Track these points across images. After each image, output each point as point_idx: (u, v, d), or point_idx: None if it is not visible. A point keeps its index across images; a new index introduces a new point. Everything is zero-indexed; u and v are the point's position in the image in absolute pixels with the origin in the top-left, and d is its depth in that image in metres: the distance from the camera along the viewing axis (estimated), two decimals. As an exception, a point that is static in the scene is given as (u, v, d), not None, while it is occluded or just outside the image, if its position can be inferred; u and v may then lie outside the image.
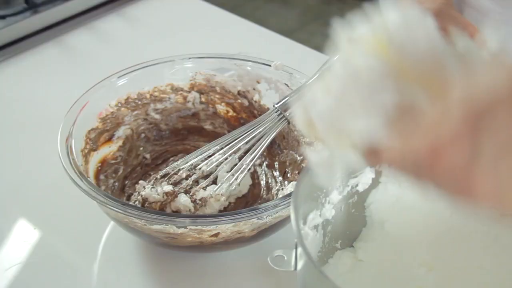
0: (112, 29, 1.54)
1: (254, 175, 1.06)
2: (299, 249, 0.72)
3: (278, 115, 1.02)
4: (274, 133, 1.03)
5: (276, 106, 1.02)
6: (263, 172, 1.06)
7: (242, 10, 1.52)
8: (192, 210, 0.98)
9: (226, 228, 0.89)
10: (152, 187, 0.99)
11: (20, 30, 1.49)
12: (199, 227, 0.88)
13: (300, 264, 0.74)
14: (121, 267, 1.00)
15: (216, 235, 0.90)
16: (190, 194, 0.99)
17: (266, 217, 0.89)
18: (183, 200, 0.98)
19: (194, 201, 0.99)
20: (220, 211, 1.00)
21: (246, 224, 0.89)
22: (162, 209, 0.99)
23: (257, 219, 0.88)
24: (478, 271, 0.86)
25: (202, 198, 0.99)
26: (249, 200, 1.03)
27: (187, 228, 0.89)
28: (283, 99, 1.03)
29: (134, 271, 0.99)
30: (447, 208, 0.92)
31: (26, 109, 1.33)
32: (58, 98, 1.30)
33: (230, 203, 1.01)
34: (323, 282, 0.68)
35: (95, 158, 1.05)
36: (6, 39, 1.47)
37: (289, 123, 1.03)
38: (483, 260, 0.87)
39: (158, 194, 0.98)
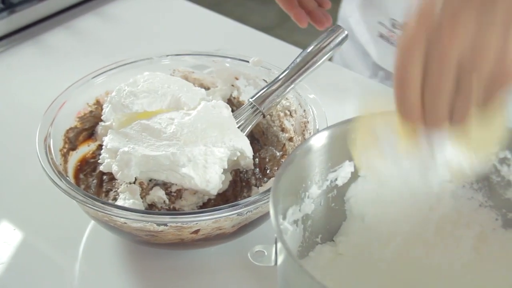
0: (90, 28, 1.53)
1: (236, 172, 1.06)
2: (279, 244, 0.73)
3: (253, 109, 1.02)
4: (250, 127, 1.03)
5: (251, 100, 1.03)
6: (243, 169, 1.06)
7: (222, 8, 1.52)
8: (167, 202, 0.98)
9: (207, 224, 0.89)
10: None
11: (-3, 30, 1.48)
12: (179, 224, 0.88)
13: (280, 259, 0.74)
14: (103, 265, 1.00)
15: (196, 232, 0.90)
16: (165, 186, 0.99)
17: (246, 213, 0.89)
18: (158, 193, 0.98)
19: (169, 194, 0.98)
20: (200, 207, 1.00)
21: (226, 220, 0.89)
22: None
23: (237, 215, 0.88)
24: (458, 264, 0.87)
25: (176, 190, 0.98)
26: (229, 197, 1.03)
27: (167, 226, 0.88)
28: (257, 93, 1.03)
29: (116, 270, 0.99)
30: (427, 202, 0.93)
31: (4, 109, 1.32)
32: (36, 97, 1.29)
33: (210, 200, 1.01)
34: (303, 277, 0.68)
35: (74, 158, 1.04)
36: (-18, 40, 1.46)
37: (264, 116, 1.03)
38: (462, 254, 0.87)
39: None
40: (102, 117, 1.04)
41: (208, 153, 0.95)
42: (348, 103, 1.27)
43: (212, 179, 0.95)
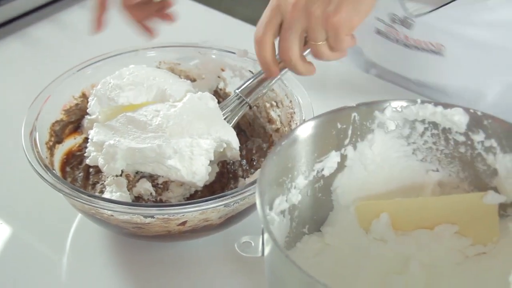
0: (76, 21, 1.52)
1: (223, 164, 1.06)
2: (266, 235, 0.72)
3: (239, 100, 1.02)
4: (236, 118, 1.03)
5: (237, 91, 1.02)
6: (230, 160, 1.06)
7: (208, 0, 1.52)
8: (154, 194, 0.98)
9: (193, 216, 0.89)
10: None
11: (-19, 24, 1.47)
12: (166, 216, 0.88)
13: (267, 250, 0.74)
14: (91, 258, 1.00)
15: (183, 223, 0.90)
16: (152, 178, 0.99)
17: (233, 204, 0.89)
18: (145, 185, 0.98)
19: (155, 186, 0.98)
20: (187, 199, 1.00)
21: (213, 212, 0.89)
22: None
23: (224, 206, 0.88)
24: (445, 254, 0.87)
25: (163, 182, 0.98)
26: (216, 189, 1.03)
27: (154, 218, 0.88)
28: (243, 84, 1.03)
29: (103, 262, 0.99)
30: (413, 191, 0.93)
31: (-10, 103, 1.32)
32: (21, 91, 1.29)
33: (197, 191, 1.01)
34: (290, 267, 0.68)
35: (60, 151, 1.04)
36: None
37: (250, 107, 1.03)
38: (449, 243, 0.88)
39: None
40: (88, 110, 1.04)
41: (194, 144, 0.95)
42: (334, 93, 1.27)
43: (199, 171, 0.95)
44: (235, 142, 1.01)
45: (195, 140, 0.95)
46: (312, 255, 0.87)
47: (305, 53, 0.93)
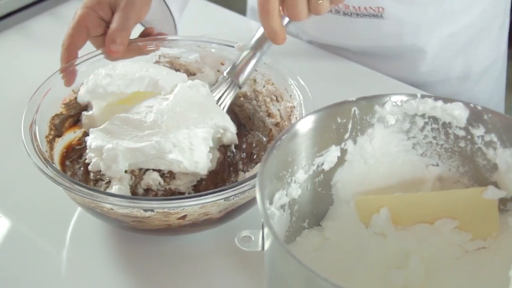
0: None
1: (224, 157, 1.06)
2: (266, 229, 0.72)
3: (228, 82, 1.03)
4: (230, 101, 1.04)
5: (225, 73, 1.04)
6: (231, 154, 1.06)
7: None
8: (162, 183, 0.98)
9: (193, 210, 0.89)
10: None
11: (-20, 18, 1.47)
12: (165, 209, 0.88)
13: (267, 244, 0.74)
14: (90, 252, 1.00)
15: (183, 217, 0.90)
16: (158, 169, 0.99)
17: (233, 198, 0.89)
18: (152, 175, 0.98)
19: (162, 175, 0.98)
20: (194, 187, 1.00)
21: (213, 206, 0.89)
22: (134, 191, 0.98)
23: (224, 200, 0.88)
24: (445, 249, 0.87)
25: (169, 171, 0.98)
26: (218, 181, 1.03)
27: (154, 212, 0.88)
28: (231, 66, 1.05)
29: (103, 256, 0.99)
30: (413, 186, 0.93)
31: (-11, 97, 1.31)
32: (20, 84, 1.29)
33: (201, 182, 1.01)
34: (290, 262, 0.68)
35: (60, 144, 1.04)
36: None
37: (240, 87, 1.04)
38: (449, 238, 0.88)
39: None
40: (77, 99, 1.04)
41: (192, 135, 0.95)
42: (334, 88, 1.27)
43: (201, 160, 0.96)
44: (231, 126, 1.02)
45: (192, 131, 0.96)
46: (312, 249, 0.87)
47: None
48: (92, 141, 0.97)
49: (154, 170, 0.98)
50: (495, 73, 1.48)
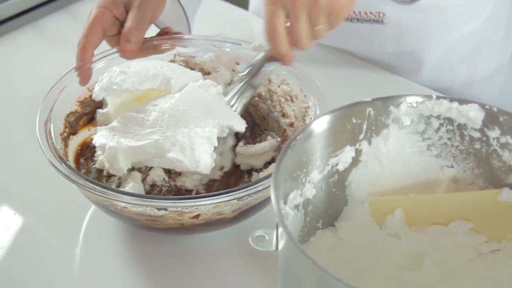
0: (89, 12, 1.52)
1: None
2: (280, 229, 0.72)
3: (244, 82, 1.03)
4: (244, 101, 1.04)
5: (240, 74, 1.04)
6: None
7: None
8: (167, 179, 0.98)
9: (207, 209, 0.89)
10: None
11: (-4, 15, 1.47)
12: (179, 209, 0.88)
13: (281, 244, 0.74)
14: (103, 250, 1.00)
15: (196, 216, 0.90)
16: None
17: (246, 198, 0.89)
18: (157, 171, 0.98)
19: (168, 172, 0.99)
20: (206, 186, 1.00)
21: (226, 205, 0.89)
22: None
23: (238, 200, 0.88)
24: (459, 251, 0.87)
25: None
26: (231, 182, 1.03)
27: (167, 210, 0.88)
28: (247, 66, 1.04)
29: (116, 254, 0.99)
30: (428, 187, 0.92)
31: (3, 94, 1.32)
32: (35, 82, 1.30)
33: (214, 183, 1.01)
34: (304, 262, 0.68)
35: (75, 142, 1.04)
36: (-19, 25, 1.46)
37: (255, 89, 1.04)
38: (463, 240, 0.87)
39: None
40: (93, 96, 1.04)
41: (192, 134, 0.95)
42: (348, 88, 1.27)
43: (203, 159, 0.96)
44: (238, 126, 1.01)
45: (192, 130, 0.95)
46: (325, 249, 0.87)
47: None
48: (97, 139, 0.98)
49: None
50: (500, 79, 1.47)
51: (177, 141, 0.94)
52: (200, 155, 0.95)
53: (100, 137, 0.97)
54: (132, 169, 0.99)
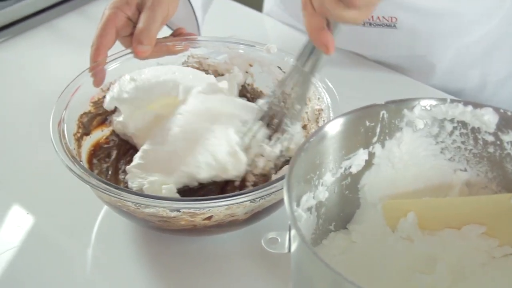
0: (102, 12, 1.53)
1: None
2: (293, 231, 0.72)
3: (299, 71, 0.99)
4: (307, 91, 1.00)
5: (296, 63, 0.99)
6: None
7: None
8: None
9: (219, 211, 0.89)
10: None
11: (11, 15, 1.47)
12: (192, 210, 0.88)
13: (293, 246, 0.74)
14: (115, 251, 1.00)
15: (209, 218, 0.90)
16: None
17: (259, 200, 0.89)
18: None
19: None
20: (222, 187, 1.00)
21: (239, 207, 0.89)
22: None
23: (250, 201, 0.88)
24: (472, 255, 0.87)
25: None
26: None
27: (180, 212, 0.89)
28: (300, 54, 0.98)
29: (128, 255, 0.99)
30: (441, 191, 0.92)
31: (17, 94, 1.32)
32: (49, 82, 1.30)
33: (228, 185, 1.01)
34: (317, 264, 0.68)
35: (88, 142, 1.04)
36: (-4, 25, 1.46)
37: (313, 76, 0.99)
38: (476, 244, 0.87)
39: None
40: (104, 106, 1.05)
41: (209, 148, 0.96)
42: (362, 90, 1.26)
43: (228, 165, 0.97)
44: (246, 114, 1.02)
45: (206, 145, 0.97)
46: (338, 252, 0.87)
47: None
48: (131, 183, 0.98)
49: None
50: None
51: (200, 162, 0.95)
52: (224, 162, 0.97)
53: (134, 178, 0.98)
54: None
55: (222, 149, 0.97)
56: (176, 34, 1.16)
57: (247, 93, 1.14)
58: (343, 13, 0.85)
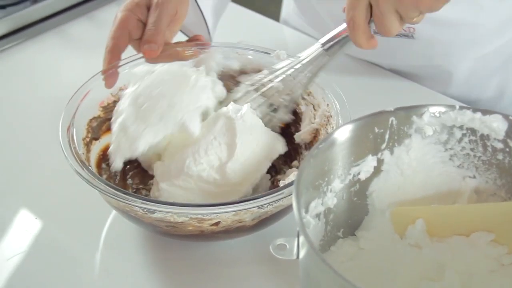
0: (112, 18, 1.53)
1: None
2: (301, 238, 0.72)
3: (319, 51, 1.00)
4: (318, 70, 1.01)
5: (321, 43, 1.00)
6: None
7: (241, -1, 1.52)
8: None
9: (227, 217, 0.89)
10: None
11: (21, 20, 1.48)
12: (199, 216, 0.88)
13: (302, 253, 0.74)
14: (124, 256, 1.00)
15: (216, 224, 0.90)
16: None
17: (266, 206, 0.89)
18: None
19: None
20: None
21: (246, 213, 0.89)
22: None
23: (258, 208, 0.88)
24: (480, 262, 0.86)
25: None
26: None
27: (187, 217, 0.88)
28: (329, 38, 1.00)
29: (137, 260, 0.99)
30: (449, 198, 0.92)
31: (27, 98, 1.33)
32: (59, 87, 1.31)
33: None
34: (325, 271, 0.68)
35: (97, 147, 1.05)
36: (6, 29, 1.46)
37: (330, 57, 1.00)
38: (484, 251, 0.87)
39: None
40: (112, 169, 1.02)
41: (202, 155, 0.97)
42: (372, 97, 1.26)
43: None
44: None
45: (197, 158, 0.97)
46: (346, 259, 0.87)
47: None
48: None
49: None
50: None
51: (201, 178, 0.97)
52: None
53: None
54: None
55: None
56: (192, 41, 1.16)
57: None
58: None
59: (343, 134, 0.84)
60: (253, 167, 0.99)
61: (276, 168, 1.08)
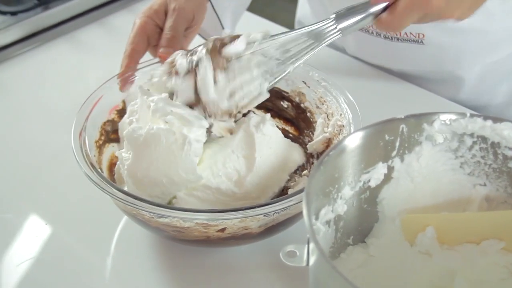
0: (124, 24, 1.53)
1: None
2: (311, 245, 0.72)
3: (331, 26, 0.95)
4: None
5: (333, 16, 0.95)
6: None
7: (253, 6, 1.51)
8: None
9: (233, 223, 0.89)
10: None
11: (32, 26, 1.49)
12: (204, 222, 0.88)
13: (312, 260, 0.74)
14: (135, 261, 1.00)
15: (222, 230, 0.90)
16: None
17: (273, 214, 0.89)
18: None
19: None
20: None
21: (252, 220, 0.89)
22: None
23: (264, 215, 0.88)
24: (491, 270, 0.86)
25: None
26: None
27: (193, 222, 0.89)
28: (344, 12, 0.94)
29: (147, 266, 0.99)
30: (460, 205, 0.92)
31: (39, 104, 1.33)
32: (70, 93, 1.31)
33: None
34: (335, 278, 0.68)
35: (110, 150, 1.05)
36: (17, 36, 1.47)
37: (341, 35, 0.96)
38: (495, 259, 0.87)
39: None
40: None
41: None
42: (383, 104, 1.26)
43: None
44: None
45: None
46: (356, 266, 0.87)
47: None
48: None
49: None
50: None
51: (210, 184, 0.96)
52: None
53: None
54: None
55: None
56: None
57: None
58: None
59: (353, 141, 0.84)
60: (271, 181, 0.99)
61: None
